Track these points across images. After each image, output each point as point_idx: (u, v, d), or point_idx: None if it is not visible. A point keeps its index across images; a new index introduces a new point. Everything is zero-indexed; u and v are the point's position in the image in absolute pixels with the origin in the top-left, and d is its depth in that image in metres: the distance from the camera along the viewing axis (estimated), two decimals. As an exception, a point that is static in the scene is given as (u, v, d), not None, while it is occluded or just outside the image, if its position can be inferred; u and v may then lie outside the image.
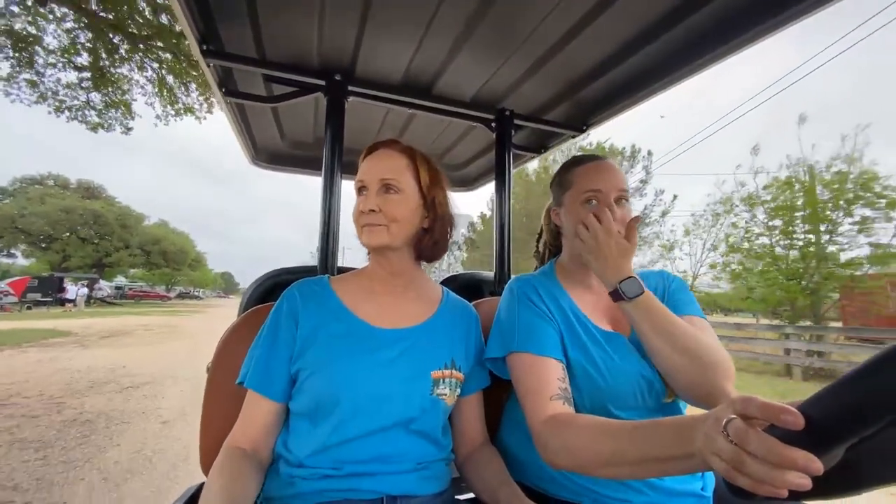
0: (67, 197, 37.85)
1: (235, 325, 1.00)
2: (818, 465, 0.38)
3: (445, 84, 1.41)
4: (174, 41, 7.20)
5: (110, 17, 7.06)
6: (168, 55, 7.73)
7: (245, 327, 0.99)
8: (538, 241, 1.18)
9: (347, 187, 1.24)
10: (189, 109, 8.96)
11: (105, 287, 36.20)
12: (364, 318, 0.86)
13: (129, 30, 7.32)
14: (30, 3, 6.96)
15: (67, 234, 35.31)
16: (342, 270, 1.22)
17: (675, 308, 0.91)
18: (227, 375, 0.94)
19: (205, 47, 1.16)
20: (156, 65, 8.18)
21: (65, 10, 7.20)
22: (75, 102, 8.61)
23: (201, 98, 8.79)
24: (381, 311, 0.89)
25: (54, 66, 8.01)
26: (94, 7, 7.00)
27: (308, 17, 1.10)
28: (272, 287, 1.22)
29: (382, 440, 0.78)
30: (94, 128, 9.05)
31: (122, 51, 7.84)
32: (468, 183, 2.38)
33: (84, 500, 2.41)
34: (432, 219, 0.91)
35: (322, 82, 1.33)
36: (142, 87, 8.74)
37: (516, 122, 1.57)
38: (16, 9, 7.25)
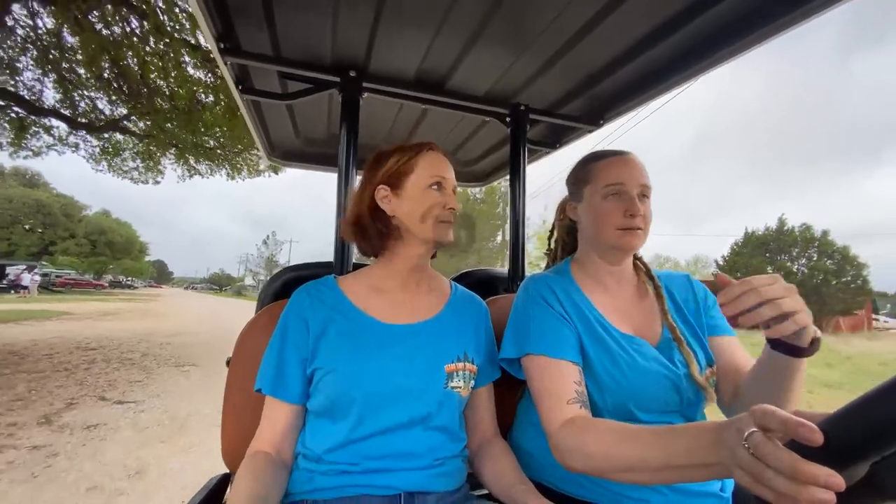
0: (10, 187, 39.06)
1: (254, 319, 1.03)
2: (839, 481, 0.37)
3: (459, 79, 1.40)
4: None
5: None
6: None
7: (263, 322, 1.01)
8: (549, 238, 1.16)
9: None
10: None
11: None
12: (374, 315, 0.88)
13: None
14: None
15: (11, 222, 36.29)
16: (356, 266, 1.23)
17: (717, 329, 0.90)
18: (246, 368, 0.96)
19: (222, 46, 1.17)
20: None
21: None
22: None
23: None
24: (390, 307, 0.90)
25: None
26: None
27: (323, 15, 1.10)
28: (290, 282, 1.23)
29: (400, 436, 0.80)
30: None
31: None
32: (481, 178, 2.37)
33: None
34: None
35: (337, 79, 1.33)
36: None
37: (531, 116, 1.56)
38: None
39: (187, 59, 6.68)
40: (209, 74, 7.06)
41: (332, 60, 1.31)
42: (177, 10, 6.15)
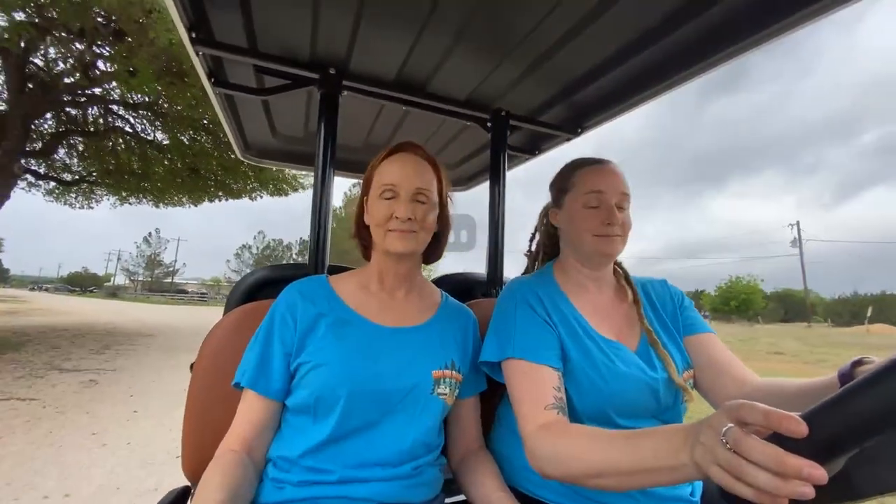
0: None
1: (221, 323, 0.97)
2: (822, 473, 0.37)
3: (441, 82, 1.40)
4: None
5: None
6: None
7: (232, 324, 0.96)
8: (531, 241, 1.17)
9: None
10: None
11: None
12: (366, 315, 0.86)
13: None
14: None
15: None
16: (332, 269, 1.19)
17: (692, 328, 0.92)
18: (211, 375, 0.91)
19: (193, 35, 1.12)
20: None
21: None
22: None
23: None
24: (382, 309, 0.89)
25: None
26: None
27: (302, 8, 1.07)
28: (259, 285, 1.19)
29: (380, 439, 0.78)
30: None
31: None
32: (462, 183, 2.38)
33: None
34: (442, 224, 0.93)
35: (316, 76, 1.30)
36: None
37: (511, 122, 1.57)
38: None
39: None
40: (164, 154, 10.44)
41: (311, 56, 1.28)
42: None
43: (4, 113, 8.56)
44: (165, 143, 10.30)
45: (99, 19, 6.48)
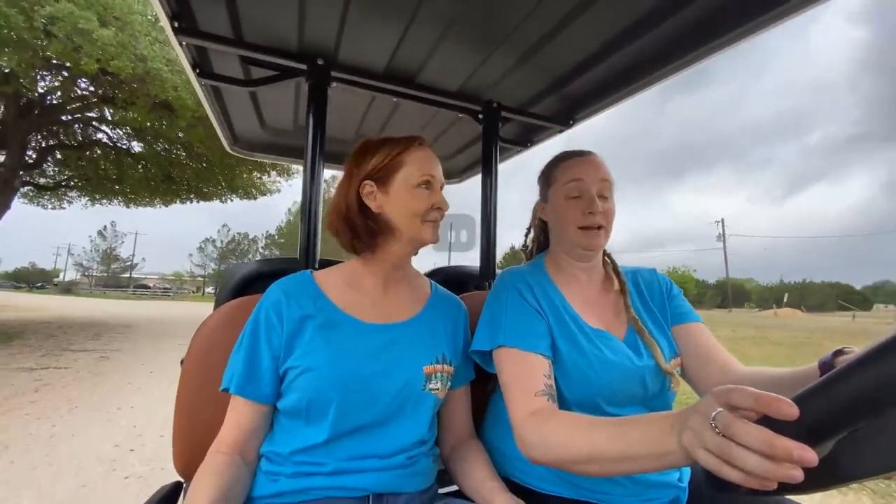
0: None
1: (211, 318, 0.96)
2: (813, 456, 0.37)
3: (431, 73, 1.38)
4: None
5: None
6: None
7: (222, 319, 0.95)
8: (526, 235, 1.18)
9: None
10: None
11: None
12: (353, 313, 0.85)
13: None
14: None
15: None
16: (323, 263, 1.19)
17: (682, 317, 0.93)
18: (201, 371, 0.91)
19: (176, 24, 1.09)
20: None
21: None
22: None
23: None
24: (370, 306, 0.87)
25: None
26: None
27: None
28: (249, 280, 1.17)
29: (373, 437, 0.78)
30: None
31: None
32: (454, 175, 2.36)
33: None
34: None
35: (303, 66, 1.28)
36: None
37: (503, 114, 1.56)
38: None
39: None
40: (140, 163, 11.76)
41: (298, 47, 1.25)
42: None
43: (6, 135, 9.69)
44: (142, 152, 11.50)
45: (96, 65, 6.95)
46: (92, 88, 9.41)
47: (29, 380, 4.78)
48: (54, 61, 7.72)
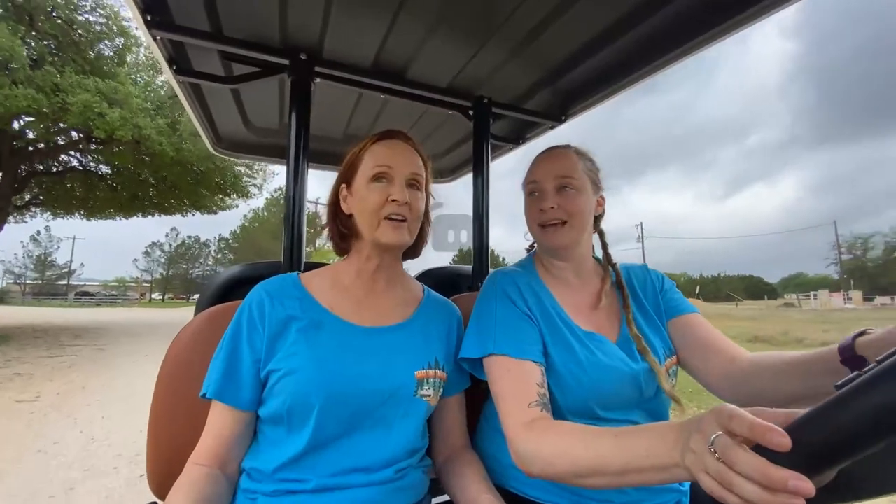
0: None
1: (190, 325, 0.92)
2: (809, 486, 0.36)
3: (420, 68, 1.34)
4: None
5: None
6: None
7: (201, 327, 0.91)
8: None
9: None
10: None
11: None
12: (341, 315, 0.81)
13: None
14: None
15: None
16: (309, 266, 1.13)
17: (675, 309, 0.91)
18: (178, 382, 0.86)
19: (149, 18, 1.03)
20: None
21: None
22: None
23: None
24: (359, 308, 0.83)
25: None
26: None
27: None
28: (231, 285, 1.13)
29: (360, 447, 0.74)
30: None
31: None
32: (446, 174, 2.31)
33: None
34: (426, 217, 0.89)
35: (286, 62, 1.23)
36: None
37: (494, 110, 1.53)
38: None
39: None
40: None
41: (280, 41, 1.20)
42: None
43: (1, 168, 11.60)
44: (111, 174, 13.18)
45: (104, 135, 9.46)
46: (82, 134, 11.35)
47: (56, 363, 6.42)
48: (61, 125, 10.15)
